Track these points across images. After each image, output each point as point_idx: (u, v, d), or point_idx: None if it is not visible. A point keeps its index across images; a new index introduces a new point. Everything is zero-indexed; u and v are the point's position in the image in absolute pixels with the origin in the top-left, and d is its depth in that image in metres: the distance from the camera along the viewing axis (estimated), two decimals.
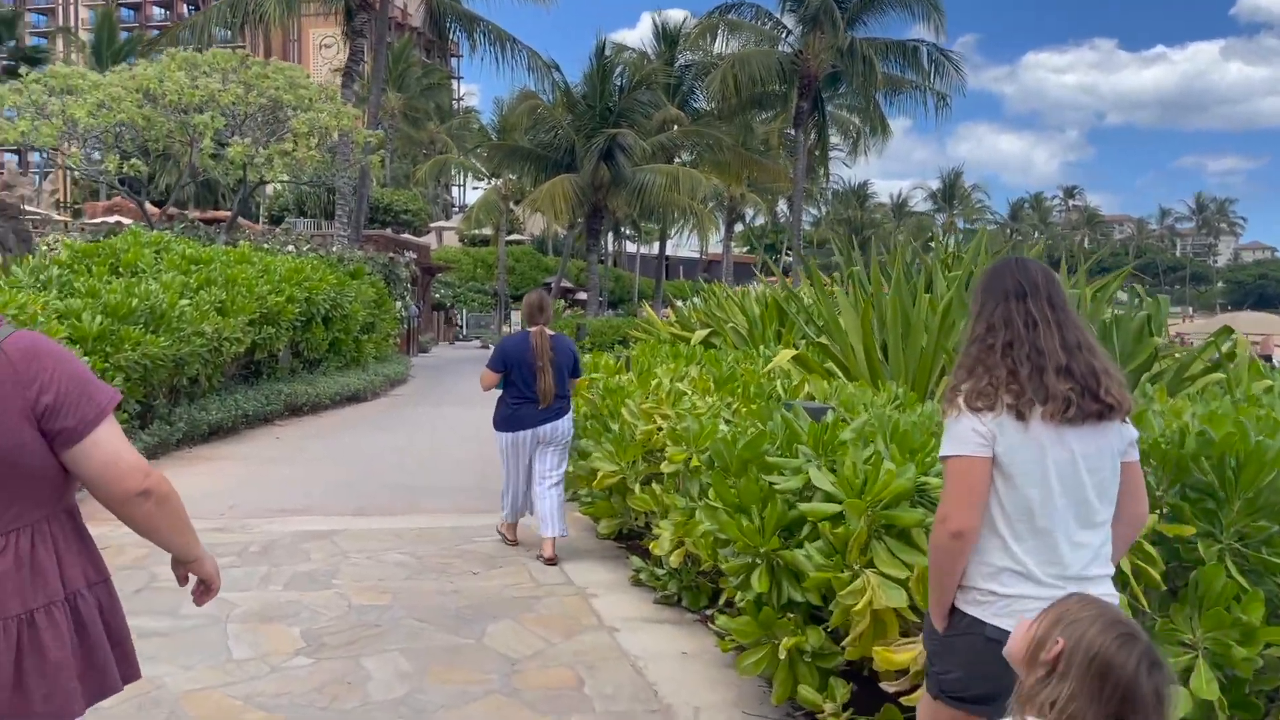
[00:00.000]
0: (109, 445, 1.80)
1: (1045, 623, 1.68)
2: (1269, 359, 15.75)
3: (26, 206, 38.41)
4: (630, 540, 6.83)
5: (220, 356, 11.63)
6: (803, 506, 3.81)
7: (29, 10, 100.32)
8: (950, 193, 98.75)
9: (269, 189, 50.20)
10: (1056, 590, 2.11)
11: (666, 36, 38.75)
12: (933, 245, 11.68)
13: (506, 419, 6.63)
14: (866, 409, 4.56)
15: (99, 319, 9.34)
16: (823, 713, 3.71)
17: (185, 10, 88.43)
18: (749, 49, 32.51)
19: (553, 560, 6.35)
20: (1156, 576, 3.04)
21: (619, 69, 34.26)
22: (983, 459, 2.24)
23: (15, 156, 69.73)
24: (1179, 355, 6.84)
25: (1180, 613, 2.97)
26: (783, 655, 3.78)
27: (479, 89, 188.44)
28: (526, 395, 6.53)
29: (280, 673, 4.35)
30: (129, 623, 2.05)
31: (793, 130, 36.59)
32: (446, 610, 5.34)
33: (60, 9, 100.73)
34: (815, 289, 7.90)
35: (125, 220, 21.26)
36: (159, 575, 5.51)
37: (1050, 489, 2.25)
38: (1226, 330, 6.47)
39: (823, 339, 7.22)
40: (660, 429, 5.80)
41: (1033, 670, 1.65)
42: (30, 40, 64.89)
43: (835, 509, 3.60)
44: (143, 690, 3.95)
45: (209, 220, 26.26)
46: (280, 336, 13.73)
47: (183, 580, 2.11)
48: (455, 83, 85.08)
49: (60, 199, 61.83)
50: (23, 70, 16.58)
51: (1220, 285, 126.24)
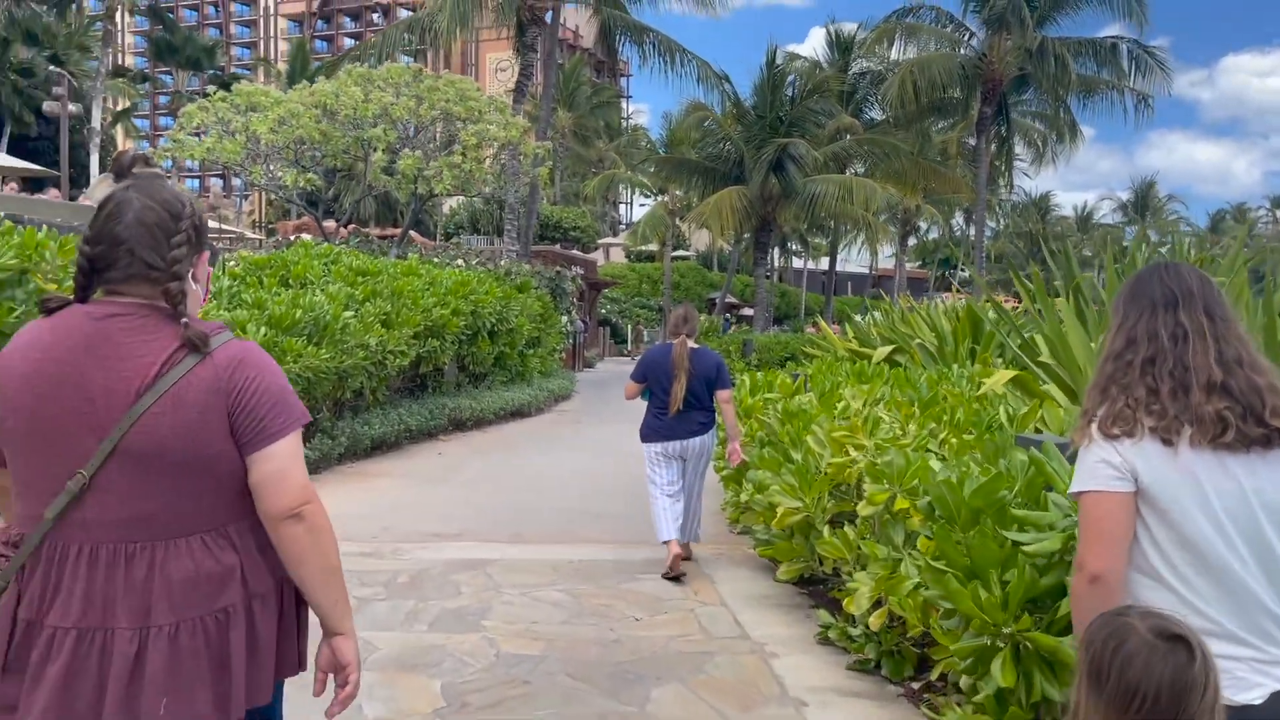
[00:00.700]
0: (282, 459, 1.84)
1: None
2: None
3: (225, 226, 40.77)
4: (814, 585, 5.98)
5: (384, 370, 11.44)
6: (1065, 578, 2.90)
7: (234, 44, 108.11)
8: (1142, 204, 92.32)
9: (445, 207, 51.74)
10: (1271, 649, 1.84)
11: (840, 45, 37.52)
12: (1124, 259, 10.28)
13: (650, 429, 6.63)
14: None
15: (263, 330, 9.21)
16: None
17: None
18: (929, 53, 30.96)
19: (678, 566, 6.22)
20: None
21: (790, 78, 33.30)
22: (1117, 494, 1.95)
23: (220, 181, 74.85)
24: None
25: None
26: None
27: (647, 107, 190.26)
28: (667, 407, 6.55)
29: None
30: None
31: (974, 138, 34.71)
32: (606, 666, 4.64)
33: (261, 43, 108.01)
34: (1038, 302, 6.82)
35: (307, 236, 21.91)
36: None
37: (1220, 525, 1.91)
38: None
39: (1043, 359, 6.17)
40: (854, 461, 4.95)
41: None
42: (234, 71, 69.36)
43: None
44: None
45: (386, 236, 26.93)
46: (445, 350, 13.53)
47: (321, 686, 2.02)
48: (624, 101, 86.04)
49: (256, 219, 65.83)
50: (210, 90, 17.22)
51: None
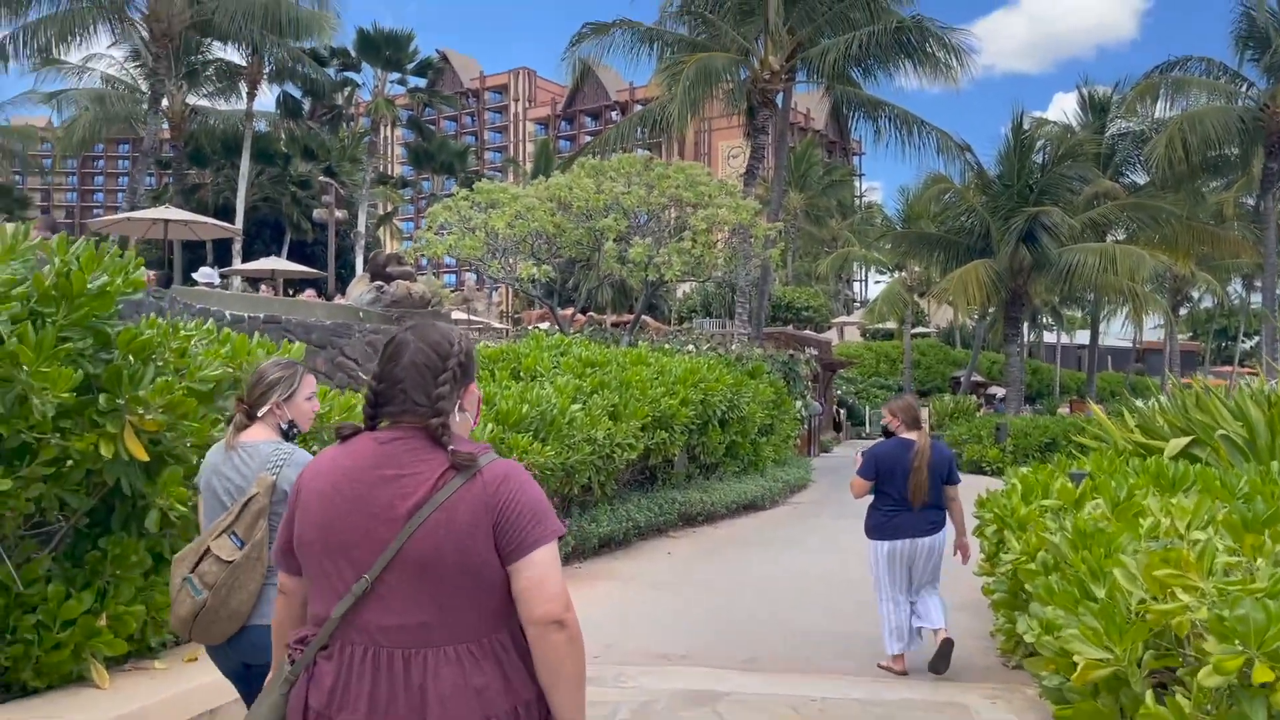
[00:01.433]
0: (542, 567, 1.95)
1: None
2: None
3: (474, 317, 42.91)
4: None
5: (612, 464, 11.01)
6: None
7: (488, 149, 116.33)
8: None
9: (679, 291, 52.29)
10: None
11: (1095, 106, 35.08)
12: None
13: (881, 526, 6.33)
14: None
15: (490, 427, 8.98)
16: None
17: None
18: (1200, 108, 28.20)
19: (946, 656, 6.07)
20: None
21: (1039, 144, 31.30)
22: None
23: (474, 274, 79.61)
24: None
25: None
26: None
27: (880, 184, 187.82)
28: (901, 503, 6.27)
29: None
30: None
31: (1256, 197, 31.21)
32: None
33: (511, 146, 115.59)
34: None
35: (542, 326, 22.32)
36: None
37: None
38: None
39: None
40: (1187, 608, 3.83)
41: None
42: (486, 173, 74.22)
43: None
44: None
45: (620, 323, 27.17)
46: (675, 441, 12.99)
47: None
48: (857, 180, 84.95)
49: (503, 309, 69.32)
50: (455, 189, 17.96)
51: None
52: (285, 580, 2.19)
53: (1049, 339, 60.68)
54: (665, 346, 17.85)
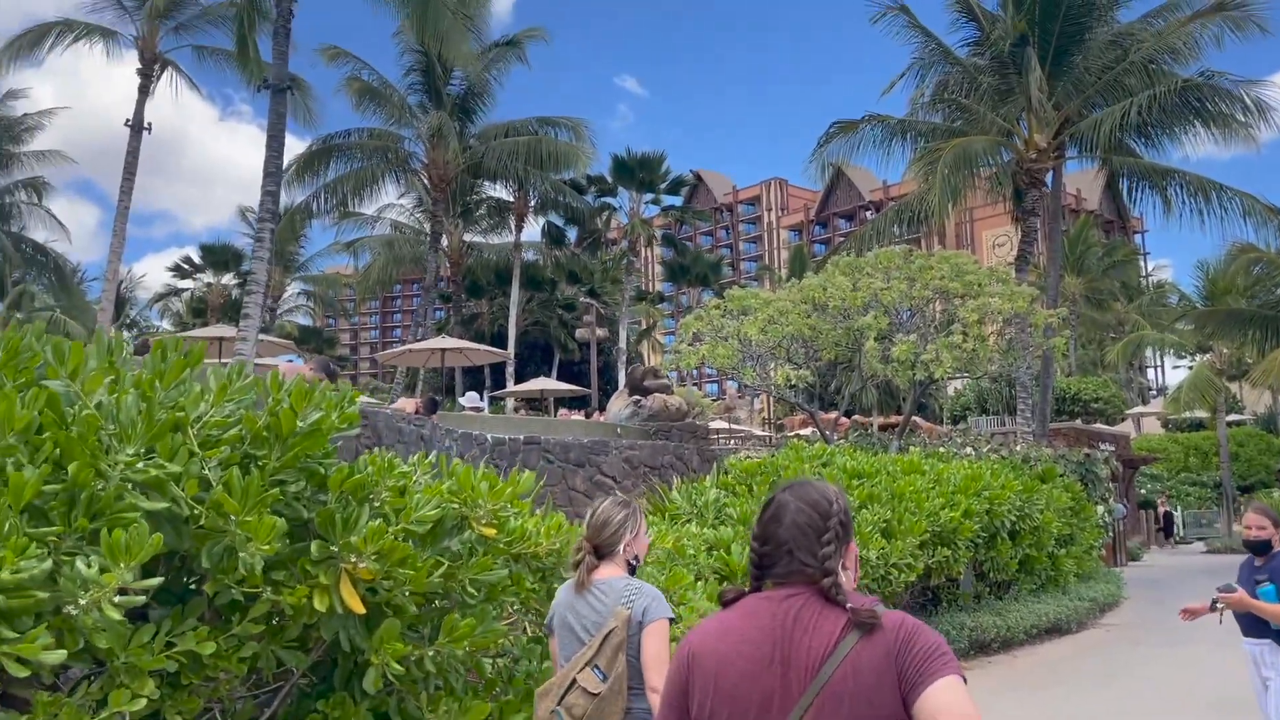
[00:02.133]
0: (950, 692, 1.89)
1: None
2: None
3: (735, 425, 42.53)
4: None
5: (889, 586, 9.89)
6: None
7: (743, 259, 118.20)
8: None
9: (949, 388, 49.61)
10: None
11: None
12: None
13: None
14: None
15: (747, 551, 8.22)
16: None
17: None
18: None
19: None
20: None
21: None
22: None
23: (735, 384, 79.95)
24: None
25: None
26: None
27: (1171, 262, 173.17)
28: None
29: None
30: None
31: None
32: None
33: (766, 254, 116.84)
34: None
35: (804, 432, 21.41)
36: None
37: None
38: None
39: None
40: None
41: None
42: (741, 282, 74.96)
43: None
44: None
45: (888, 426, 25.73)
46: (959, 558, 11.62)
47: None
48: (1142, 259, 78.39)
49: (765, 416, 68.71)
50: (705, 299, 17.71)
51: None
52: None
53: None
54: (940, 450, 16.43)
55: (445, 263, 37.40)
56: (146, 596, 3.20)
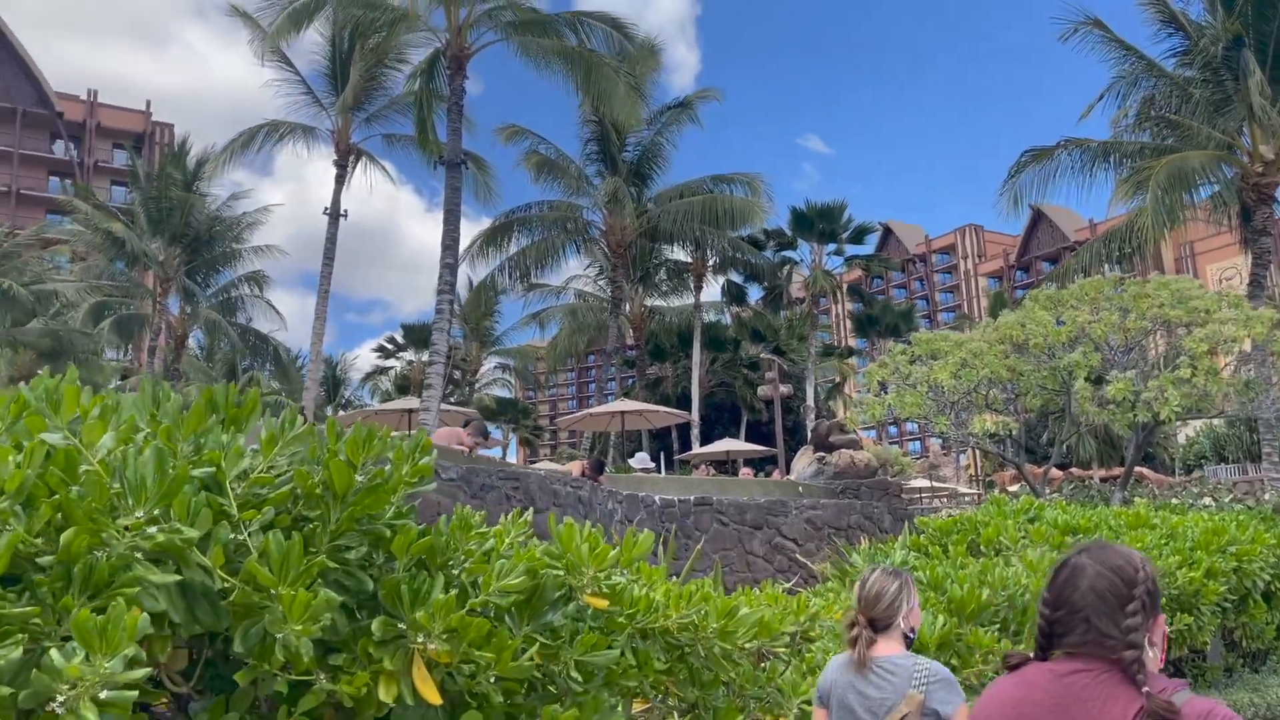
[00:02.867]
0: None
1: None
2: None
3: (938, 483, 40.19)
4: None
5: None
6: None
7: (941, 310, 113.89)
8: None
9: (1180, 435, 45.20)
10: None
11: None
12: None
13: None
14: None
15: (941, 620, 7.12)
16: None
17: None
18: None
19: None
20: None
21: None
22: None
23: (938, 439, 76.43)
24: None
25: None
26: None
27: None
28: None
29: None
30: None
31: None
32: None
33: (964, 302, 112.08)
34: None
35: (1013, 489, 19.61)
36: None
37: None
38: None
39: None
40: None
41: None
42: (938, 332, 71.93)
43: None
44: None
45: (1109, 479, 23.36)
46: (1203, 626, 9.88)
47: None
48: None
49: (973, 473, 64.99)
50: (891, 345, 16.55)
51: None
52: None
53: None
54: (1173, 502, 14.46)
55: (628, 328, 37.52)
56: (138, 690, 2.68)
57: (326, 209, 27.81)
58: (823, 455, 17.09)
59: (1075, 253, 22.36)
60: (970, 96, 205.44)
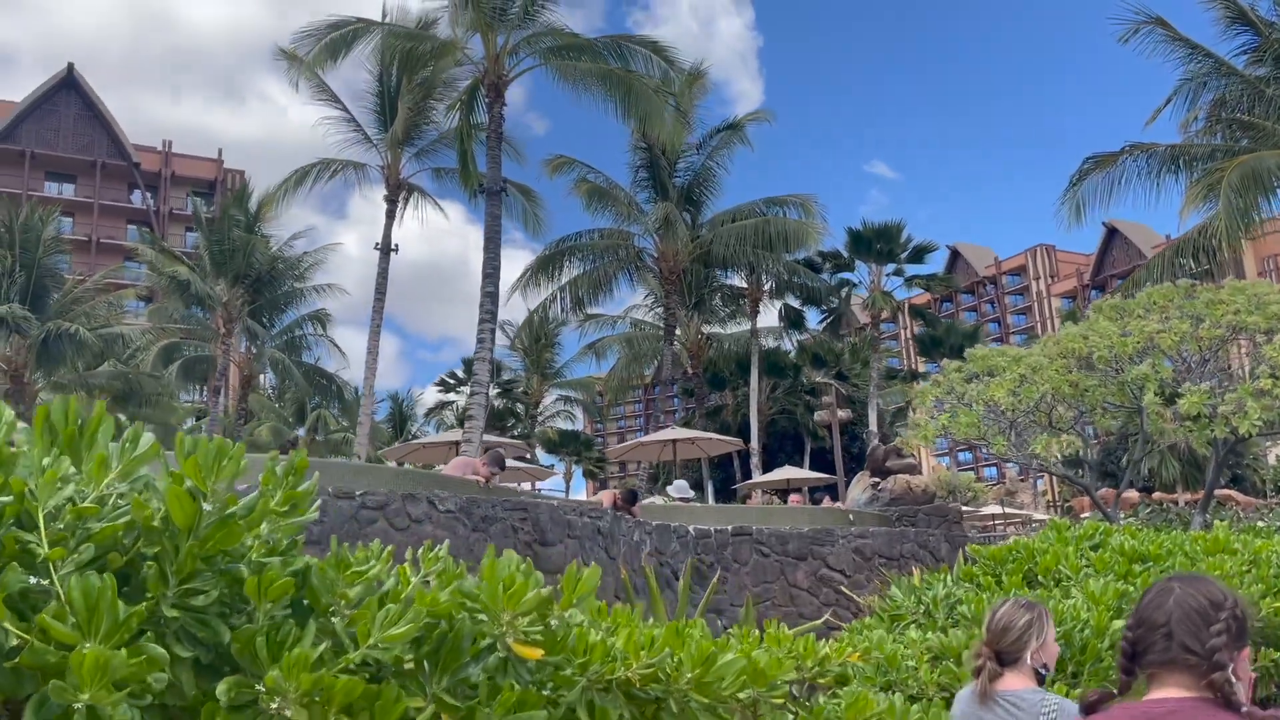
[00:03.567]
0: None
1: None
2: None
3: (1011, 510, 38.63)
4: None
5: None
6: None
7: (1013, 333, 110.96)
8: None
9: (1271, 455, 42.85)
10: None
11: None
12: None
13: None
14: None
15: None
16: None
17: None
18: None
19: None
20: None
21: None
22: None
23: (1014, 465, 73.99)
24: None
25: None
26: None
27: None
28: None
29: None
30: None
31: None
32: None
33: (1037, 325, 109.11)
34: None
35: (1087, 515, 18.46)
36: None
37: None
38: None
39: None
40: None
41: None
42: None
43: None
44: None
45: (1194, 502, 21.98)
46: None
47: None
48: None
49: (1050, 498, 62.65)
50: (944, 363, 15.71)
51: None
52: None
53: None
54: (1259, 525, 13.34)
55: (685, 356, 36.94)
56: None
57: (377, 244, 27.88)
58: (877, 481, 16.27)
59: (1145, 265, 21.19)
60: (1038, 114, 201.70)
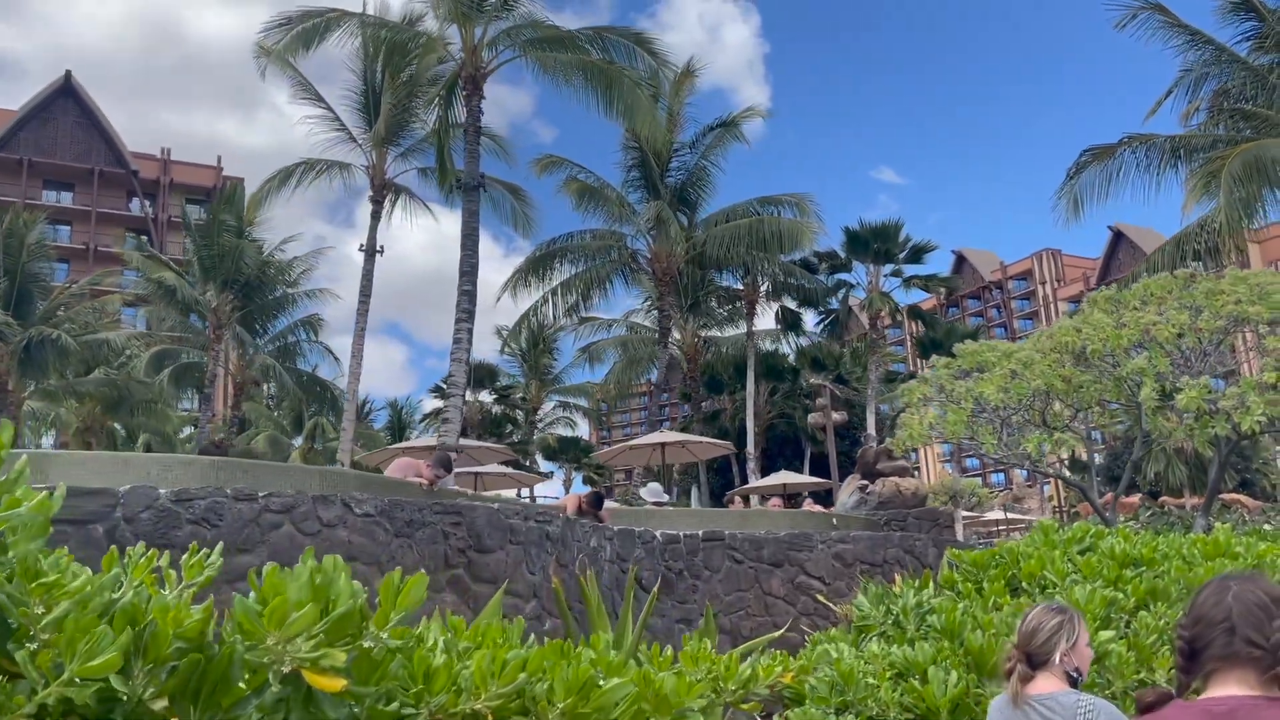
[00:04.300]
0: None
1: None
2: None
3: (1014, 515, 37.82)
4: None
5: None
6: None
7: (1020, 338, 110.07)
8: None
9: (1279, 459, 42.02)
10: None
11: None
12: None
13: None
14: None
15: (954, 677, 5.70)
16: None
17: None
18: None
19: None
20: None
21: None
22: None
23: (1024, 471, 73.05)
24: None
25: None
26: None
27: None
28: None
29: None
30: None
31: None
32: None
33: (1043, 322, 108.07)
34: None
35: (1091, 518, 17.73)
36: None
37: None
38: None
39: None
40: None
41: None
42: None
43: None
44: None
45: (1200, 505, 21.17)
46: None
47: None
48: None
49: (1056, 504, 61.78)
50: (935, 359, 15.06)
51: None
52: None
53: None
54: (1265, 529, 12.62)
55: (683, 360, 36.31)
56: None
57: (362, 245, 27.33)
58: (865, 484, 15.60)
59: (1146, 260, 20.50)
60: (1047, 118, 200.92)
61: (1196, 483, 40.14)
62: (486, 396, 51.03)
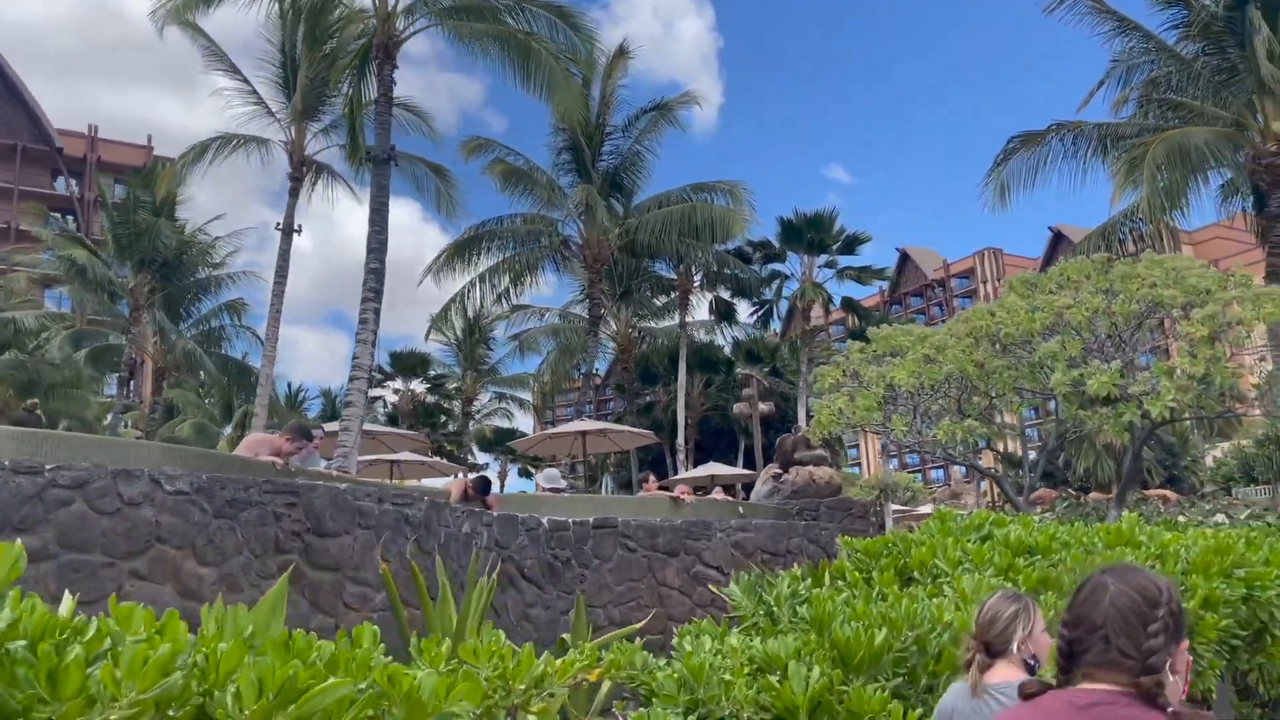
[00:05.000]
0: None
1: None
2: None
3: (964, 511, 37.80)
4: None
5: None
6: None
7: None
8: None
9: (1208, 458, 42.67)
10: None
11: None
12: None
13: None
14: None
15: (816, 673, 5.13)
16: None
17: None
18: None
19: None
20: None
21: None
22: None
23: (961, 467, 73.58)
24: None
25: None
26: None
27: None
28: None
29: None
30: None
31: None
32: None
33: None
34: None
35: (1046, 515, 17.42)
36: None
37: None
38: None
39: None
40: None
41: None
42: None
43: None
44: None
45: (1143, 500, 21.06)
46: (1204, 669, 7.82)
47: None
48: None
49: (991, 502, 62.16)
50: (849, 344, 14.58)
51: None
52: None
53: None
54: (1179, 520, 12.35)
55: (614, 351, 35.68)
56: None
57: (278, 225, 26.25)
58: (779, 473, 15.11)
59: (1073, 249, 20.30)
60: (995, 119, 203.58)
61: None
62: (419, 386, 49.91)
